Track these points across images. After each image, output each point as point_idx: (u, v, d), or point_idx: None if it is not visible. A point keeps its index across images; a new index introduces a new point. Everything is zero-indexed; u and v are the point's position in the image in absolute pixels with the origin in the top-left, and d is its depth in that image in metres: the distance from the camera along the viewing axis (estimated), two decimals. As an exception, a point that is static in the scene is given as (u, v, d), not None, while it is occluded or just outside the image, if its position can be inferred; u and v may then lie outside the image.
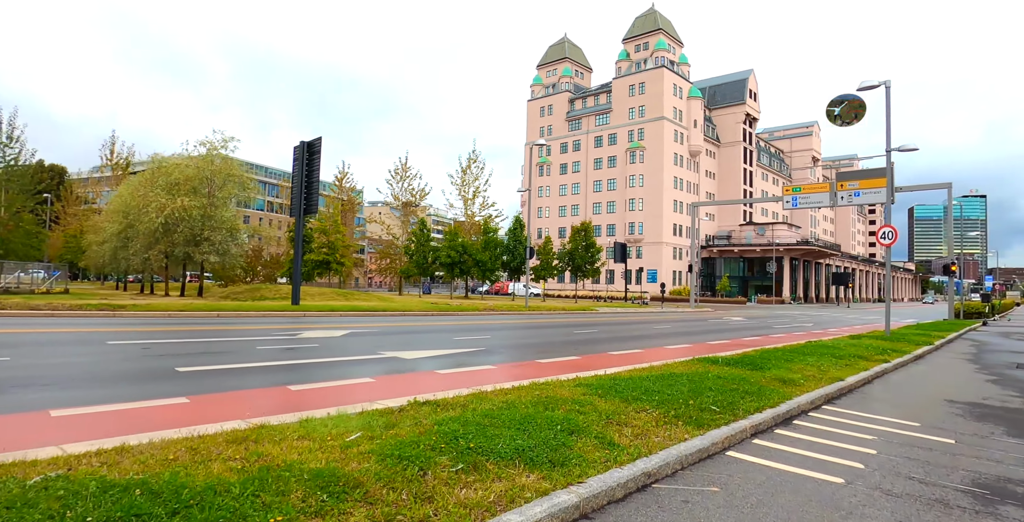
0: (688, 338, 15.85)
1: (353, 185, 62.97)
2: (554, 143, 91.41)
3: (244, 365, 8.21)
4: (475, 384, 6.88)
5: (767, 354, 10.08)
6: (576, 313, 28.04)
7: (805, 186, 33.89)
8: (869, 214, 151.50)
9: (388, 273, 60.32)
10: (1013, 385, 9.29)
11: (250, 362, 8.51)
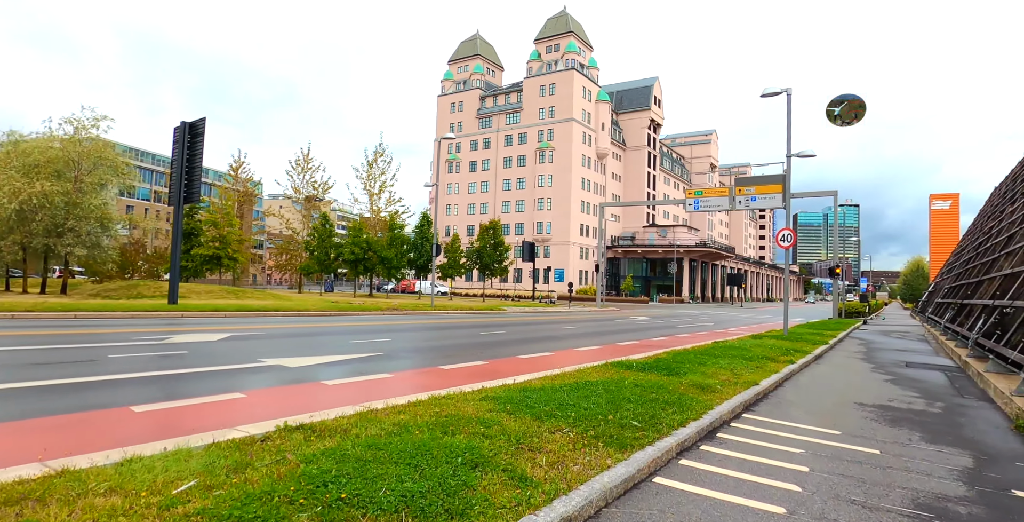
0: (598, 339, 15.52)
1: (250, 176, 59.06)
2: (464, 140, 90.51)
3: (81, 379, 6.79)
4: (367, 398, 5.93)
5: (680, 357, 9.75)
6: (484, 313, 27.35)
7: (706, 190, 35.02)
8: (759, 220, 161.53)
9: (287, 270, 57.14)
10: (910, 385, 9.45)
11: (92, 375, 7.08)
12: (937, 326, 24.03)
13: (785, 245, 17.86)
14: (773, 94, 18.16)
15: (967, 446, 5.68)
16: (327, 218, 49.73)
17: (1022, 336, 9.77)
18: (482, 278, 54.68)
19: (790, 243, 17.82)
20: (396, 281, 66.51)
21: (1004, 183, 36.65)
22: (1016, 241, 16.71)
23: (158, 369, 7.74)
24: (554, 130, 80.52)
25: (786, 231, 17.90)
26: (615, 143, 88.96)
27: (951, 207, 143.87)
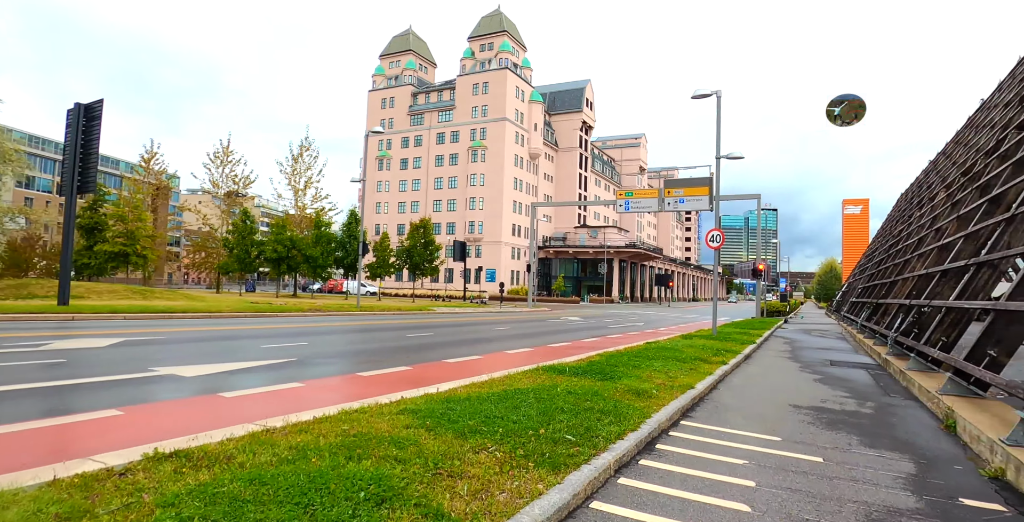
0: (529, 340, 15.08)
1: (164, 168, 55.48)
2: (395, 137, 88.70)
3: (-83, 396, 5.67)
4: (267, 413, 5.17)
5: (614, 359, 9.40)
6: (412, 313, 26.48)
7: (637, 191, 35.43)
8: (686, 222, 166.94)
9: (204, 269, 54.03)
10: (838, 384, 9.47)
11: (-67, 390, 5.95)
12: (853, 324, 25.05)
13: (714, 245, 18.01)
14: (703, 96, 18.30)
15: (904, 449, 5.52)
16: (248, 214, 47.26)
17: (941, 334, 9.99)
18: (413, 278, 53.52)
19: (719, 243, 17.99)
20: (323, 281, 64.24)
21: (910, 189, 39.00)
22: (927, 243, 17.49)
23: (20, 381, 6.64)
24: (487, 129, 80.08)
25: (715, 231, 18.06)
26: (547, 144, 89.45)
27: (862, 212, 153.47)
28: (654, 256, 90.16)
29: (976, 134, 22.29)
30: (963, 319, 10.02)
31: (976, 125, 24.42)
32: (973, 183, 15.86)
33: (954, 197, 17.38)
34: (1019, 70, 22.55)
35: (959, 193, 16.94)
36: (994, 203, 12.08)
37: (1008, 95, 19.59)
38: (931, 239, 17.23)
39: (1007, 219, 9.84)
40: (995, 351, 7.44)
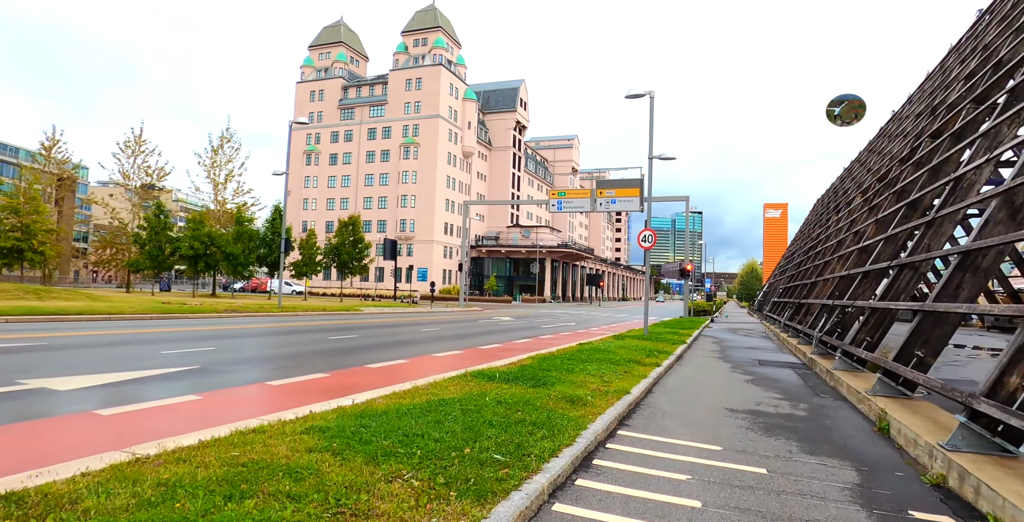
0: (459, 342, 14.50)
1: (67, 157, 51.23)
2: (324, 131, 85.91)
3: None
4: (145, 436, 4.40)
5: (546, 363, 8.98)
6: (337, 314, 25.34)
7: (569, 191, 35.46)
8: (616, 223, 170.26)
9: (111, 266, 50.31)
10: (769, 385, 9.41)
11: None
12: (776, 324, 25.84)
13: (646, 245, 18.00)
14: (637, 96, 18.27)
15: (844, 455, 5.34)
16: (162, 208, 44.24)
17: (866, 334, 10.13)
18: (341, 277, 51.72)
19: (651, 244, 17.99)
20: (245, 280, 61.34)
21: (827, 195, 40.88)
22: (846, 246, 18.10)
23: None
24: (420, 126, 78.73)
25: (647, 232, 18.05)
26: (481, 143, 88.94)
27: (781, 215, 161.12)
28: (586, 256, 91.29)
29: (889, 143, 23.39)
30: (886, 319, 10.21)
31: (889, 134, 25.67)
32: (889, 188, 16.49)
33: (871, 202, 18.06)
34: (927, 85, 23.83)
35: (876, 198, 17.60)
36: (911, 207, 12.47)
37: (919, 107, 20.61)
38: (850, 242, 17.83)
39: (927, 223, 10.09)
40: (922, 352, 7.48)
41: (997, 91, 11.57)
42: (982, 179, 10.06)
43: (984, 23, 19.04)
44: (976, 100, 12.05)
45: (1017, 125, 9.74)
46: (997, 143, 9.80)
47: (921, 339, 7.51)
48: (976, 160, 9.74)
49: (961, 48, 19.94)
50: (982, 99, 11.90)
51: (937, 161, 12.03)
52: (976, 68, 14.43)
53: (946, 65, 21.25)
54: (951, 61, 20.57)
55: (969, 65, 15.87)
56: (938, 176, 12.13)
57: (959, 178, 9.91)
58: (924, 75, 25.06)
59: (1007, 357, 4.85)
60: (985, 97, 11.79)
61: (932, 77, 22.69)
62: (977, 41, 17.24)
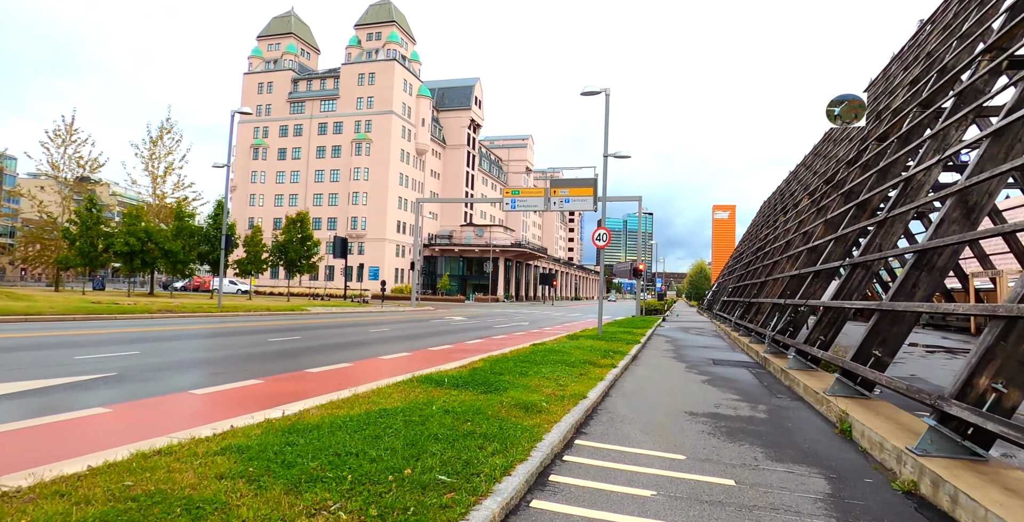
0: (409, 344, 13.92)
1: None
2: (272, 124, 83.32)
3: None
4: (30, 460, 3.75)
5: (499, 366, 8.54)
6: (283, 314, 24.29)
7: (523, 190, 35.19)
8: (569, 223, 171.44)
9: (39, 263, 47.30)
10: (726, 385, 9.22)
11: None
12: (727, 322, 26.12)
13: (601, 244, 17.80)
14: (593, 93, 18.03)
15: (811, 462, 5.09)
16: (94, 202, 41.76)
17: (819, 333, 10.09)
18: (289, 276, 50.04)
19: (605, 242, 17.79)
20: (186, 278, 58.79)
21: (773, 197, 41.85)
22: (795, 246, 18.32)
23: None
24: (372, 122, 77.19)
25: (602, 230, 17.85)
26: (435, 140, 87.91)
27: (730, 217, 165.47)
28: (539, 255, 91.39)
29: (835, 147, 23.91)
30: (839, 318, 10.19)
31: (834, 139, 26.30)
32: (837, 190, 16.73)
33: (819, 203, 18.32)
34: (870, 91, 24.49)
35: (824, 199, 17.86)
36: (861, 208, 12.57)
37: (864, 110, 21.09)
38: (799, 242, 18.05)
39: (879, 222, 10.10)
40: (880, 351, 7.38)
41: (942, 96, 11.76)
42: (931, 180, 10.14)
43: (926, 33, 19.56)
44: (922, 104, 12.21)
45: (965, 127, 9.85)
46: (946, 145, 9.88)
47: (879, 338, 7.42)
48: (926, 161, 9.80)
49: (904, 56, 20.49)
50: (928, 103, 12.06)
51: (885, 163, 12.15)
52: (920, 74, 14.72)
53: (889, 72, 21.83)
54: (894, 68, 21.13)
55: (913, 72, 16.24)
56: (886, 177, 12.26)
57: (909, 179, 9.96)
58: (867, 82, 25.75)
59: (976, 358, 4.67)
60: (931, 101, 11.95)
61: (875, 84, 23.30)
62: (920, 49, 17.67)
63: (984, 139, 7.41)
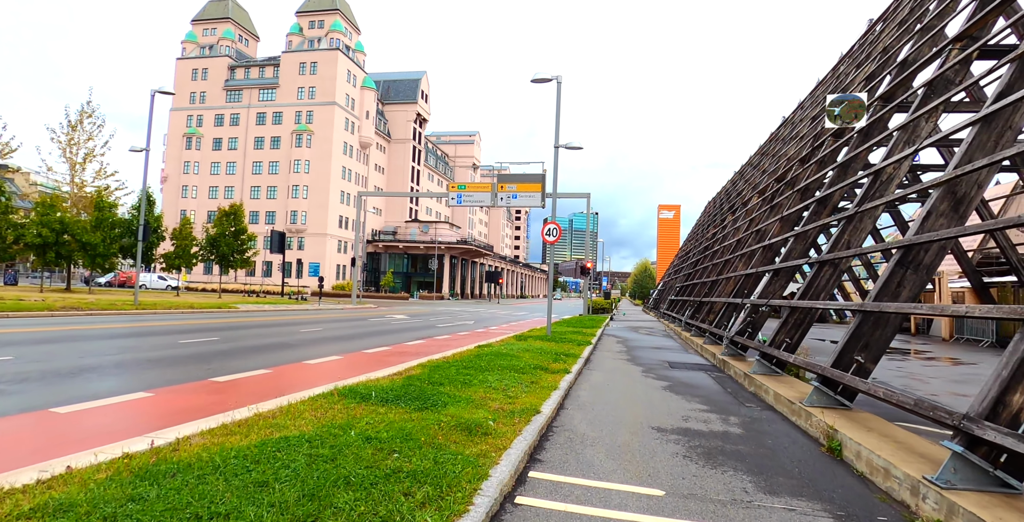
0: (342, 345, 12.65)
1: None
2: (207, 113, 79.17)
3: None
4: None
5: (439, 373, 7.47)
6: (206, 312, 22.41)
7: (469, 185, 34.04)
8: (516, 221, 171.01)
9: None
10: (688, 392, 8.44)
11: None
12: (676, 322, 25.76)
13: (551, 239, 16.94)
14: (543, 80, 17.13)
15: (810, 494, 4.25)
16: (2, 189, 38.16)
17: (785, 335, 9.45)
18: (223, 271, 47.25)
19: (556, 237, 16.95)
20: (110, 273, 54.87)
21: (719, 197, 42.13)
22: (747, 245, 17.93)
23: None
24: (314, 112, 74.31)
25: (552, 225, 16.99)
26: (380, 134, 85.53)
27: (675, 217, 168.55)
28: (485, 253, 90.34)
29: (784, 146, 23.81)
30: (806, 319, 9.60)
31: (782, 138, 26.30)
32: (791, 188, 16.36)
33: (771, 201, 17.98)
34: (819, 90, 24.55)
35: (777, 197, 17.51)
36: (822, 204, 12.08)
37: (813, 111, 20.99)
38: (752, 240, 17.65)
39: (847, 217, 9.54)
40: (862, 356, 6.70)
41: (903, 90, 11.37)
42: (901, 174, 9.65)
43: (876, 32, 19.51)
44: (883, 98, 11.79)
45: (935, 118, 9.39)
46: (915, 137, 9.40)
47: (861, 342, 6.74)
48: (895, 154, 9.29)
49: (855, 54, 20.46)
50: (889, 97, 11.65)
51: (845, 158, 11.69)
52: (876, 70, 14.44)
53: (839, 71, 21.80)
54: (844, 68, 21.09)
55: (867, 69, 16.04)
56: (847, 173, 11.80)
57: (878, 172, 9.42)
58: (815, 82, 25.86)
59: (1008, 370, 3.93)
60: (892, 95, 11.55)
61: (825, 83, 23.32)
62: (873, 47, 17.53)
63: (971, 127, 6.82)
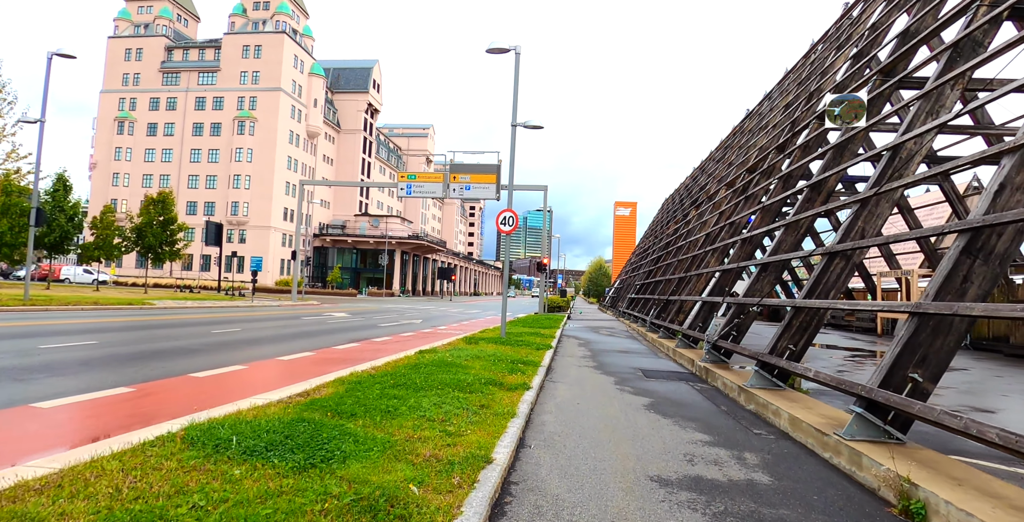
0: (256, 351, 10.50)
1: None
2: (141, 96, 74.18)
3: None
4: None
5: (355, 394, 5.52)
6: (114, 309, 19.66)
7: (420, 174, 32.06)
8: (470, 217, 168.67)
9: None
10: (678, 414, 6.73)
11: None
12: (637, 321, 24.31)
13: (507, 229, 15.09)
14: (500, 50, 15.24)
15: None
16: None
17: (789, 341, 7.86)
18: (158, 265, 43.56)
19: (512, 227, 15.11)
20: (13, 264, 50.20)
21: (678, 193, 41.13)
22: (720, 239, 16.51)
23: None
24: (257, 99, 70.48)
25: (508, 213, 15.14)
26: (328, 123, 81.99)
27: (631, 214, 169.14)
28: (438, 249, 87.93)
29: (752, 137, 22.60)
30: (813, 322, 8.04)
31: (748, 130, 25.13)
32: (768, 177, 15.01)
33: (746, 191, 16.63)
34: (788, 80, 23.48)
35: (752, 188, 16.15)
36: (815, 190, 10.64)
37: (786, 99, 19.83)
38: (725, 234, 16.24)
39: (861, 201, 8.02)
40: (919, 373, 5.09)
41: (904, 65, 10.04)
42: (923, 150, 8.19)
43: (855, 16, 18.34)
44: (884, 72, 10.39)
45: (962, 85, 7.97)
46: (940, 106, 7.95)
47: (917, 355, 5.12)
48: (916, 127, 7.82)
49: (830, 38, 19.32)
50: (890, 71, 10.27)
51: (842, 139, 10.25)
52: (866, 48, 13.17)
53: (812, 57, 20.68)
54: (819, 52, 19.98)
55: (849, 51, 14.85)
56: (843, 155, 10.39)
57: (897, 148, 7.91)
58: (783, 72, 24.85)
59: None
60: (894, 69, 10.17)
61: (796, 69, 22.23)
62: (855, 28, 16.31)
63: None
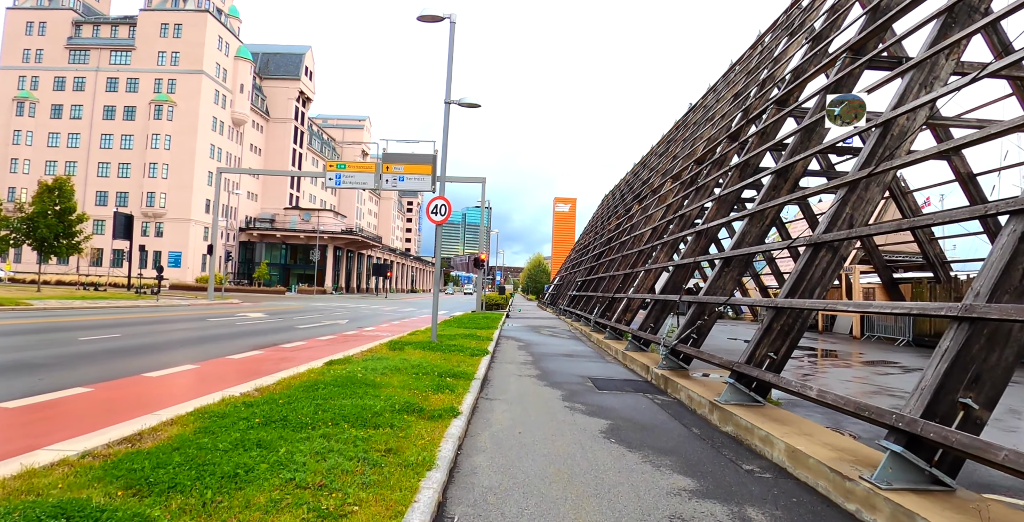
0: (123, 364, 8.50)
1: None
2: (45, 75, 67.87)
3: None
4: None
5: (201, 441, 3.84)
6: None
7: (351, 164, 29.93)
8: (407, 212, 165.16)
9: None
10: (644, 443, 5.36)
11: None
12: (579, 319, 23.16)
13: (438, 219, 13.48)
14: (434, 18, 13.59)
15: None
16: None
17: (770, 348, 6.65)
18: (45, 259, 39.30)
19: (444, 217, 13.51)
20: None
21: (618, 188, 40.44)
22: (671, 233, 15.46)
23: None
24: (177, 81, 65.67)
25: (439, 200, 13.52)
26: (256, 111, 77.55)
27: (571, 210, 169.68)
28: (373, 244, 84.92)
29: (698, 129, 21.78)
30: (796, 325, 6.87)
31: (693, 123, 24.37)
32: (720, 167, 14.01)
33: (696, 183, 15.65)
34: (733, 72, 22.82)
35: (703, 178, 15.17)
36: (781, 177, 9.56)
37: (734, 89, 19.04)
38: (675, 228, 15.17)
39: (848, 184, 6.89)
40: (971, 397, 3.88)
41: (875, 43, 9.11)
42: (916, 126, 7.13)
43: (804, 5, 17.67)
44: (853, 49, 9.43)
45: (957, 55, 6.96)
46: (934, 78, 6.92)
47: (969, 373, 3.92)
48: (909, 102, 6.76)
49: (780, 26, 18.64)
50: (860, 49, 9.32)
51: (810, 121, 9.24)
52: (825, 30, 12.30)
53: (760, 48, 20.00)
54: (767, 42, 19.30)
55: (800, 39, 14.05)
56: (811, 138, 9.38)
57: (888, 124, 6.85)
58: (728, 64, 24.22)
59: None
60: (864, 47, 9.23)
61: (743, 60, 21.55)
62: (808, 13, 15.55)
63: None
